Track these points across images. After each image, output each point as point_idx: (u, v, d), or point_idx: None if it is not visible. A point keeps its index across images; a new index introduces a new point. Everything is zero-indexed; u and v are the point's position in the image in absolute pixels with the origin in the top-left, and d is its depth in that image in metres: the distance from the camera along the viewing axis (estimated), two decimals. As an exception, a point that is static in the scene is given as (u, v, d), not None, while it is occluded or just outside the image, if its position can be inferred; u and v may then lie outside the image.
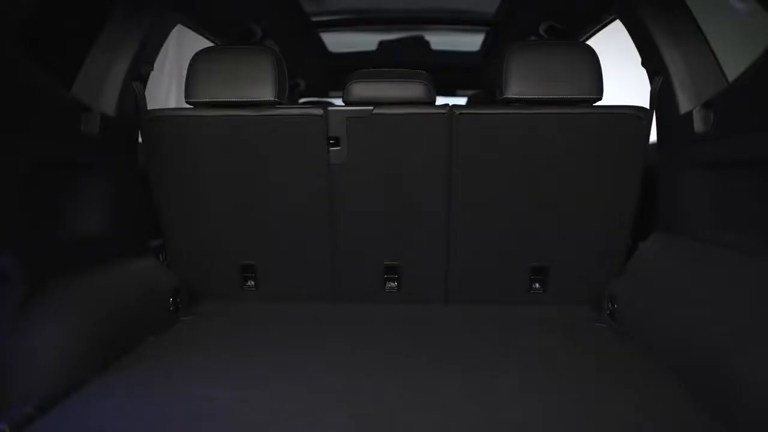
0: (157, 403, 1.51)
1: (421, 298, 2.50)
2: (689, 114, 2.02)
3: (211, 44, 3.05)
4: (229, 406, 1.49)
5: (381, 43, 3.86)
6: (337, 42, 3.82)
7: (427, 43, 3.88)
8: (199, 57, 2.22)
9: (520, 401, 1.53)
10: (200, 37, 3.03)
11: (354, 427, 1.40)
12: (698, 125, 1.97)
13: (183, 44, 3.81)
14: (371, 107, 2.22)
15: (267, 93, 2.17)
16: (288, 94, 2.33)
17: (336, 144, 2.26)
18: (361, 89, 2.27)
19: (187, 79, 2.21)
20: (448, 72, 4.41)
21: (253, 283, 2.50)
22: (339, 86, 2.42)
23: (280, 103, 2.21)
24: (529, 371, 1.73)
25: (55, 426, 1.39)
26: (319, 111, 2.21)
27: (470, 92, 4.73)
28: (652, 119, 2.19)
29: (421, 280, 2.48)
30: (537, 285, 2.42)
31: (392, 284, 2.50)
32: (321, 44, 3.78)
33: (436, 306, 2.49)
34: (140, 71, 2.25)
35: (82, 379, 1.59)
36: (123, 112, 2.17)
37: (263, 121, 2.20)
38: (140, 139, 2.32)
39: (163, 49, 2.47)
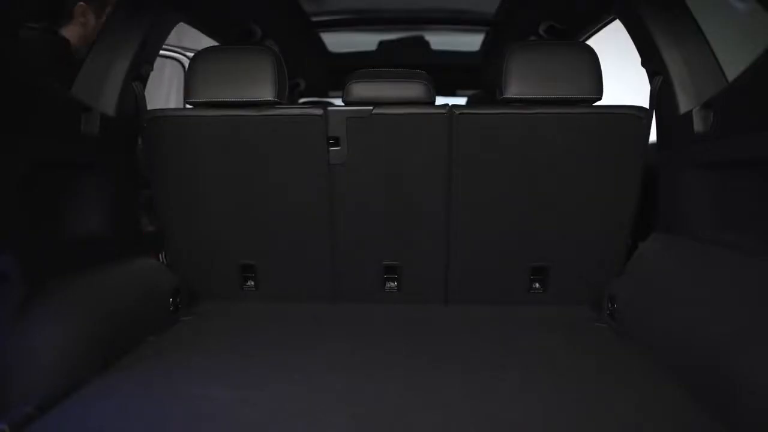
0: (157, 403, 1.51)
1: (421, 298, 2.50)
2: (689, 114, 2.02)
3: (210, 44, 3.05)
4: (229, 406, 1.49)
5: (381, 43, 3.86)
6: (337, 42, 3.82)
7: (427, 43, 3.88)
8: (198, 57, 2.22)
9: (520, 401, 1.53)
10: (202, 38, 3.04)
11: (354, 427, 1.40)
12: (698, 125, 1.97)
13: (183, 41, 3.82)
14: (371, 107, 2.22)
15: (267, 93, 2.17)
16: (288, 94, 2.33)
17: (336, 144, 2.26)
18: (360, 89, 2.27)
19: (186, 79, 2.21)
20: (448, 72, 4.41)
21: (253, 283, 2.49)
22: (339, 86, 2.42)
23: (280, 103, 2.21)
24: (529, 371, 1.73)
25: (55, 426, 1.39)
26: (318, 111, 2.21)
27: (470, 92, 4.73)
28: (651, 119, 2.19)
29: (421, 280, 2.48)
30: (537, 285, 2.42)
31: (392, 284, 2.49)
32: (321, 44, 3.78)
33: (436, 306, 2.49)
34: (140, 71, 2.25)
35: (82, 379, 1.59)
36: (123, 112, 2.17)
37: (263, 121, 2.20)
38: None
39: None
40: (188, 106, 2.26)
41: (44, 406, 1.44)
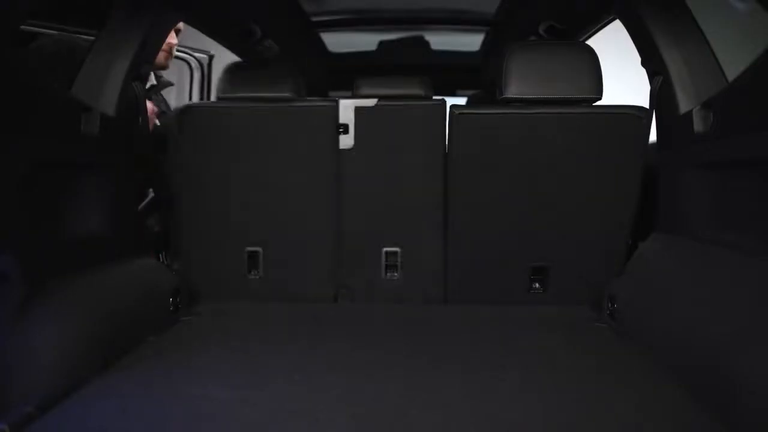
0: (157, 403, 1.51)
1: (421, 298, 2.51)
2: (689, 114, 2.02)
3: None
4: (229, 406, 1.49)
5: (381, 43, 3.87)
6: (337, 42, 3.82)
7: (427, 43, 3.88)
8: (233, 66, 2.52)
9: (520, 401, 1.53)
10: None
11: (354, 427, 1.40)
12: (698, 125, 1.97)
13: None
14: (376, 99, 2.43)
15: (285, 90, 2.42)
16: None
17: (345, 131, 2.44)
18: (367, 85, 2.50)
19: (219, 80, 2.50)
20: (448, 72, 4.42)
21: (256, 276, 2.52)
22: (339, 86, 2.50)
23: (296, 99, 2.40)
24: (529, 371, 1.73)
25: (55, 426, 1.39)
26: (331, 102, 2.44)
27: (470, 92, 4.73)
28: (651, 119, 2.19)
29: (421, 280, 2.48)
30: (537, 285, 2.42)
31: (393, 274, 2.54)
32: (321, 44, 3.79)
33: (436, 306, 2.49)
34: (140, 71, 2.25)
35: (82, 379, 1.59)
36: (123, 112, 2.17)
37: (281, 112, 2.42)
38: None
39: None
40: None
41: (44, 406, 1.44)
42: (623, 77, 3.11)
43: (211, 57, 3.64)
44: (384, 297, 2.54)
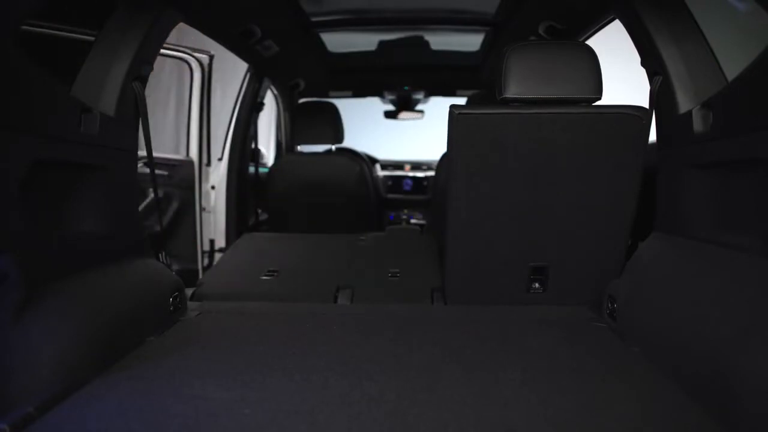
0: (157, 403, 1.51)
1: (421, 297, 2.51)
2: (689, 114, 2.02)
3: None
4: (229, 406, 1.49)
5: (381, 43, 3.87)
6: (337, 42, 3.83)
7: (427, 43, 3.89)
8: None
9: (521, 401, 1.53)
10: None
11: (354, 427, 1.40)
12: (698, 125, 1.97)
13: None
14: None
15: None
16: (288, 93, 2.36)
17: None
18: None
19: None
20: (448, 72, 4.42)
21: (261, 280, 2.55)
22: (339, 86, 2.45)
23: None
24: (529, 371, 1.73)
25: (55, 426, 1.39)
26: None
27: (470, 92, 4.75)
28: (651, 119, 2.19)
29: (421, 280, 2.49)
30: (537, 285, 2.42)
31: (394, 279, 2.51)
32: (321, 44, 3.79)
33: (436, 306, 2.49)
34: (140, 71, 2.25)
35: (82, 379, 1.59)
36: (123, 112, 2.17)
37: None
38: (142, 139, 2.33)
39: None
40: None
41: (44, 406, 1.44)
42: (627, 78, 3.12)
43: (211, 57, 3.64)
44: (384, 297, 2.54)
